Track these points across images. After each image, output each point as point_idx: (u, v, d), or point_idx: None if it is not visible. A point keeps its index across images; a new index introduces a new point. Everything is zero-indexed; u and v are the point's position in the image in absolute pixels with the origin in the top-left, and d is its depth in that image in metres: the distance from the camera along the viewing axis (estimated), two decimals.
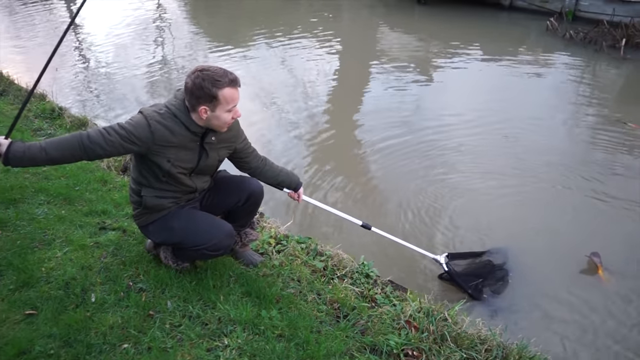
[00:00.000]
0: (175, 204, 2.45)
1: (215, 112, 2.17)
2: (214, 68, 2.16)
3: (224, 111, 2.18)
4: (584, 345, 3.01)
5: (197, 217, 2.49)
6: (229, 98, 2.16)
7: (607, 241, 3.81)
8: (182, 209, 2.48)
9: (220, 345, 2.24)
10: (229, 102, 2.17)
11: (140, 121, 2.17)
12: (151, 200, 2.36)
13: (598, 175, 4.82)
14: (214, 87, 2.11)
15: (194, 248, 2.44)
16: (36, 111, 5.21)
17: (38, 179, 3.65)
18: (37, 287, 2.50)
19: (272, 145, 5.56)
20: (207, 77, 2.11)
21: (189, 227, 2.43)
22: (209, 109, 2.16)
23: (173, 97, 2.28)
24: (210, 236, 2.41)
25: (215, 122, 2.22)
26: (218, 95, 2.13)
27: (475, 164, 5.06)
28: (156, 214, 2.43)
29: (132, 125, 2.16)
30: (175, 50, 9.37)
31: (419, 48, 9.40)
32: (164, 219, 2.44)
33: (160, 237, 2.53)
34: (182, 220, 2.44)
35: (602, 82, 7.70)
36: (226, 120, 2.23)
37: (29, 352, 2.12)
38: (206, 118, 2.20)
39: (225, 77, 2.14)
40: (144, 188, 2.36)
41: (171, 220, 2.43)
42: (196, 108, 2.17)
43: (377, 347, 2.34)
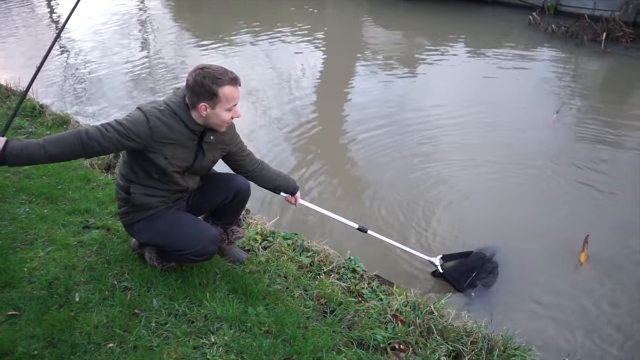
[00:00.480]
0: (163, 204, 2.43)
1: (215, 109, 2.18)
2: (215, 66, 2.17)
3: (223, 109, 2.19)
4: (569, 336, 3.06)
5: (183, 220, 2.46)
6: (229, 96, 2.17)
7: (592, 228, 3.86)
8: (169, 210, 2.46)
9: (206, 343, 2.23)
10: (229, 101, 2.18)
11: (139, 117, 2.15)
12: (140, 198, 2.33)
13: (581, 163, 4.91)
14: (215, 85, 2.12)
15: (178, 252, 2.42)
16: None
17: (19, 178, 3.59)
18: (20, 288, 2.46)
19: (257, 141, 5.54)
20: (208, 74, 2.12)
21: (173, 230, 2.41)
22: (209, 106, 2.17)
23: (172, 95, 2.26)
24: (195, 241, 2.39)
25: (215, 121, 2.22)
26: (218, 92, 2.14)
27: (460, 156, 5.11)
28: (143, 212, 2.40)
29: (131, 122, 2.13)
30: (158, 47, 9.26)
31: (403, 42, 9.43)
32: (150, 219, 2.41)
33: (145, 237, 2.50)
34: (167, 223, 2.41)
35: (583, 75, 7.81)
36: (225, 119, 2.23)
37: (12, 353, 2.08)
38: (206, 116, 2.20)
39: (226, 75, 2.16)
40: (133, 185, 2.32)
41: (157, 221, 2.41)
42: (196, 105, 2.17)
43: (364, 341, 2.35)
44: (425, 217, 4.15)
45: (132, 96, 6.93)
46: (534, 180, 4.69)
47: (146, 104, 2.22)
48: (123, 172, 2.37)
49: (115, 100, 6.75)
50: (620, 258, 3.66)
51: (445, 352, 2.31)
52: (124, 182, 2.37)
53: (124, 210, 2.42)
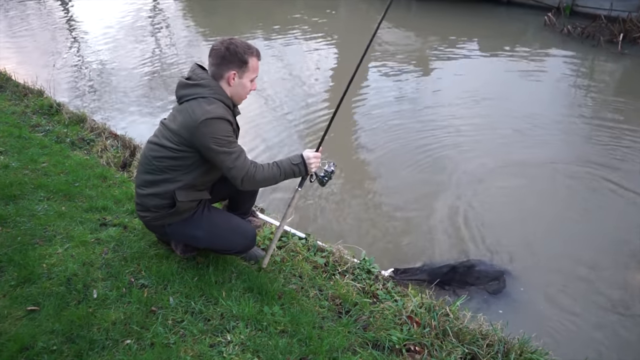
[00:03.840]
0: (198, 203, 2.50)
1: (242, 79, 2.33)
2: (241, 39, 2.33)
3: (248, 80, 2.35)
4: (588, 341, 3.03)
5: (219, 223, 2.54)
6: (255, 67, 2.35)
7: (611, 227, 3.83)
8: (202, 214, 2.50)
9: (223, 341, 2.24)
10: (254, 71, 2.35)
11: (219, 124, 2.23)
12: (185, 205, 2.39)
13: (596, 167, 4.85)
14: (246, 54, 2.29)
15: (220, 252, 2.63)
16: (34, 107, 5.18)
17: (37, 175, 3.64)
18: (39, 284, 2.49)
19: (269, 139, 5.56)
20: (240, 43, 2.30)
21: (213, 235, 2.51)
22: (237, 74, 2.30)
23: (199, 87, 2.28)
24: (236, 244, 2.55)
25: (240, 91, 2.36)
26: (249, 61, 2.30)
27: (475, 159, 5.07)
28: (178, 216, 2.44)
29: (222, 131, 2.24)
30: (171, 46, 9.32)
31: (416, 43, 9.39)
32: (184, 225, 2.47)
33: (181, 240, 2.64)
34: (205, 230, 2.48)
35: (599, 77, 7.71)
36: (248, 90, 2.39)
37: (32, 347, 2.12)
38: (233, 85, 2.32)
39: (253, 47, 2.35)
40: (178, 191, 2.35)
41: (195, 230, 2.48)
42: (225, 74, 2.30)
43: (379, 342, 2.35)
44: (441, 219, 4.13)
45: (146, 95, 6.99)
46: (549, 181, 4.65)
47: (201, 112, 2.21)
48: (167, 177, 2.35)
49: (130, 98, 6.80)
50: None
51: (461, 355, 2.30)
52: (164, 188, 2.36)
53: (158, 216, 2.43)
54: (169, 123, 2.35)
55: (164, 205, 2.40)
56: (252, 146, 5.31)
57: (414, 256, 3.71)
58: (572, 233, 3.96)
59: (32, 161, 3.84)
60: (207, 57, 2.35)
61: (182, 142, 2.27)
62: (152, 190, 2.39)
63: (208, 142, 2.21)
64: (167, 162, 2.33)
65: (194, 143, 2.25)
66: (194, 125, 2.20)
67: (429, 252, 3.76)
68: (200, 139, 2.21)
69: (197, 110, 2.21)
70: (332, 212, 4.18)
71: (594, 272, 3.55)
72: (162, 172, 2.35)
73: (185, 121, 2.24)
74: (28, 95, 5.56)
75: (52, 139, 4.43)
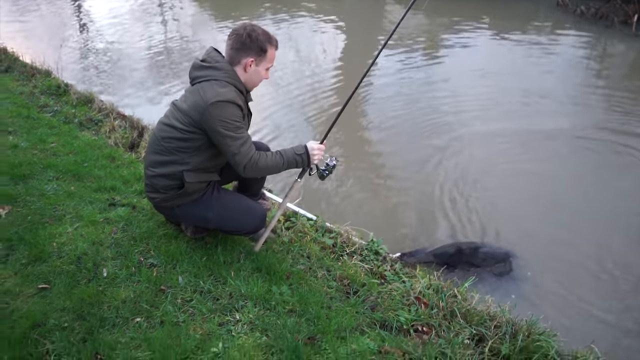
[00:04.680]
0: (207, 184, 2.50)
1: (258, 66, 2.32)
2: (263, 28, 2.32)
3: (264, 68, 2.34)
4: (596, 323, 3.02)
5: (229, 204, 2.53)
6: (273, 57, 2.36)
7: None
8: (211, 195, 2.50)
9: (231, 320, 2.25)
10: (271, 61, 2.36)
11: (229, 108, 2.21)
12: (194, 186, 2.39)
13: (609, 143, 4.81)
14: (266, 42, 2.29)
15: (229, 233, 2.67)
16: (42, 87, 5.19)
17: (46, 155, 3.65)
18: (49, 262, 2.51)
19: (277, 120, 5.54)
20: (261, 32, 2.29)
21: (223, 216, 2.50)
22: (255, 62, 2.29)
23: (213, 70, 2.26)
24: (246, 224, 2.55)
25: (255, 78, 2.35)
26: (268, 50, 2.30)
27: (486, 139, 5.04)
28: (187, 197, 2.44)
29: (234, 115, 2.23)
30: (177, 28, 9.28)
31: (426, 25, 9.26)
32: (194, 206, 2.47)
33: (191, 221, 2.64)
34: (214, 211, 2.48)
35: (612, 58, 7.60)
36: (262, 78, 2.38)
37: (44, 324, 2.14)
38: (249, 72, 2.31)
39: (273, 37, 2.34)
40: (186, 173, 2.34)
41: (204, 211, 2.47)
42: (242, 60, 2.28)
43: (387, 322, 2.35)
44: (450, 202, 4.11)
45: (152, 75, 6.97)
46: (562, 163, 4.61)
47: (213, 93, 2.20)
48: (174, 159, 2.35)
49: (137, 79, 6.79)
50: None
51: (468, 336, 2.30)
52: (172, 169, 2.36)
53: (167, 197, 2.43)
54: (180, 104, 2.34)
55: (173, 187, 2.40)
56: (259, 128, 5.30)
57: (420, 238, 3.71)
58: (583, 208, 3.94)
59: (41, 141, 3.85)
60: (226, 40, 2.32)
61: (192, 123, 2.26)
62: (160, 171, 2.38)
63: (216, 125, 2.20)
64: (176, 144, 2.33)
65: (202, 125, 2.24)
66: (203, 107, 2.19)
67: (434, 234, 3.77)
68: (209, 121, 2.20)
69: (208, 92, 2.20)
70: (338, 195, 4.18)
71: (604, 253, 3.53)
72: (171, 153, 2.35)
73: (195, 102, 2.23)
74: (36, 76, 5.56)
75: (61, 119, 4.44)
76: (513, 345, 2.24)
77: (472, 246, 3.61)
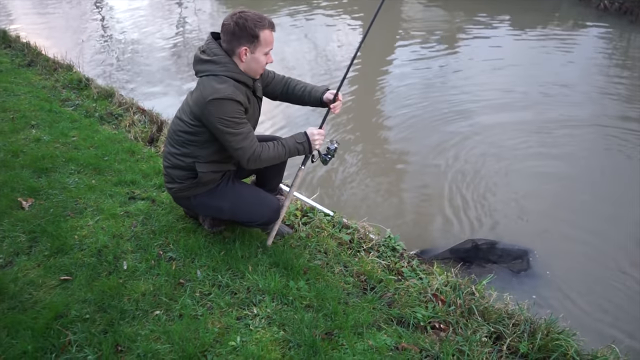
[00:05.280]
0: (222, 175, 2.51)
1: (254, 53, 2.25)
2: (252, 11, 2.23)
3: (262, 53, 2.26)
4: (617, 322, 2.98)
5: (244, 195, 2.54)
6: (268, 40, 2.25)
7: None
8: (227, 186, 2.51)
9: (249, 314, 2.27)
10: (268, 44, 2.26)
11: (227, 104, 2.20)
12: (207, 175, 2.40)
13: (631, 138, 4.73)
14: (256, 27, 2.19)
15: (245, 224, 2.64)
16: (64, 82, 5.26)
17: (68, 148, 3.70)
18: (71, 254, 2.56)
19: (291, 113, 5.55)
20: (249, 17, 2.19)
21: (238, 206, 2.51)
22: (249, 50, 2.23)
23: (212, 63, 2.25)
24: (260, 215, 2.55)
25: (254, 65, 2.28)
26: (260, 35, 2.21)
27: (505, 134, 5.00)
28: (202, 187, 2.46)
29: (230, 111, 2.20)
30: (195, 23, 9.32)
31: (444, 19, 9.18)
32: (210, 196, 2.49)
33: (207, 213, 2.66)
34: (229, 201, 2.50)
35: (636, 54, 7.43)
36: (263, 64, 2.31)
37: (66, 316, 2.18)
38: (245, 61, 2.26)
39: (265, 19, 2.23)
40: (198, 164, 2.37)
41: (219, 200, 2.49)
42: (236, 50, 2.23)
43: (404, 319, 2.35)
44: (466, 200, 4.08)
45: (171, 69, 7.02)
46: (584, 160, 4.56)
47: (210, 90, 2.19)
48: (185, 152, 2.38)
49: (156, 74, 6.85)
50: None
51: (486, 333, 2.28)
52: (185, 161, 2.39)
53: (183, 187, 2.46)
54: (189, 97, 2.37)
55: (188, 177, 2.43)
56: (271, 116, 5.33)
57: (437, 234, 3.70)
58: (603, 203, 3.89)
59: (63, 135, 3.91)
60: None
61: (196, 117, 2.28)
62: (175, 162, 2.43)
63: (214, 122, 2.21)
64: (184, 137, 2.36)
65: (202, 119, 2.26)
66: (203, 103, 2.20)
67: (451, 230, 3.74)
68: (208, 117, 2.22)
69: (207, 88, 2.21)
70: (352, 191, 4.17)
71: (623, 252, 3.48)
72: (182, 146, 2.38)
73: (197, 97, 2.25)
74: (58, 70, 5.63)
75: (82, 113, 4.50)
76: (531, 344, 2.23)
77: (489, 242, 3.58)
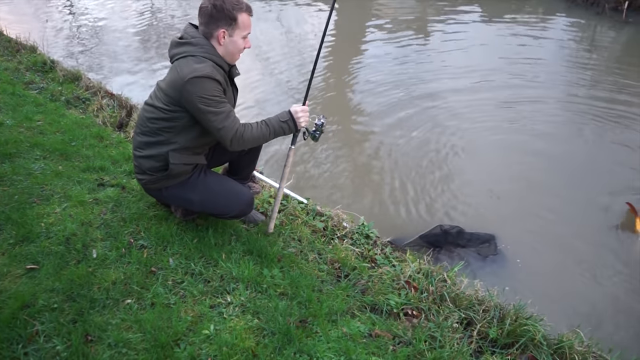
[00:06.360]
0: (194, 167, 2.45)
1: (233, 37, 2.24)
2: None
3: (240, 37, 2.25)
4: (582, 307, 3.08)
5: (216, 187, 2.49)
6: (246, 23, 2.24)
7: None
8: (198, 178, 2.47)
9: (223, 302, 2.25)
10: (246, 28, 2.25)
11: (207, 83, 2.16)
12: (178, 167, 2.35)
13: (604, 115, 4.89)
14: (234, 10, 2.19)
15: (216, 216, 2.60)
16: (27, 64, 5.07)
17: (33, 133, 3.58)
18: (38, 242, 2.48)
19: (266, 104, 5.51)
20: (227, 0, 2.17)
21: (209, 199, 2.46)
22: (227, 32, 2.21)
23: (190, 45, 2.21)
24: (232, 207, 2.49)
25: (232, 49, 2.26)
26: (238, 18, 2.20)
27: (474, 121, 5.07)
28: (173, 179, 2.41)
29: (210, 90, 2.17)
30: (164, 5, 9.09)
31: (415, 7, 9.20)
32: (181, 188, 2.44)
33: (177, 203, 2.61)
34: (201, 194, 2.45)
35: (602, 44, 7.62)
36: (241, 48, 2.29)
37: (33, 305, 2.12)
38: (224, 44, 2.23)
39: (242, 2, 2.22)
40: (172, 153, 2.31)
41: (189, 193, 2.45)
42: (214, 33, 2.21)
43: (377, 306, 2.37)
44: (436, 186, 4.14)
45: (140, 53, 6.86)
46: (554, 146, 4.67)
47: (189, 70, 2.15)
48: (160, 139, 2.32)
49: (124, 56, 6.68)
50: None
51: (457, 319, 2.33)
52: (159, 150, 2.33)
53: (153, 179, 2.41)
54: (161, 83, 2.31)
55: (159, 168, 2.37)
56: (246, 105, 5.27)
57: (407, 221, 3.74)
58: (569, 186, 4.02)
59: (27, 119, 3.78)
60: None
61: (172, 101, 2.23)
62: (147, 152, 2.37)
63: (195, 102, 2.16)
64: (160, 124, 2.30)
65: (182, 102, 2.21)
66: (180, 84, 2.15)
67: (421, 217, 3.80)
68: (188, 98, 2.17)
69: (184, 69, 2.16)
70: (326, 179, 4.18)
71: (588, 233, 3.59)
72: (156, 134, 2.32)
73: (172, 79, 2.21)
74: (21, 51, 5.44)
75: (47, 96, 4.36)
76: (501, 329, 2.28)
77: (456, 228, 3.65)
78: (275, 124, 2.40)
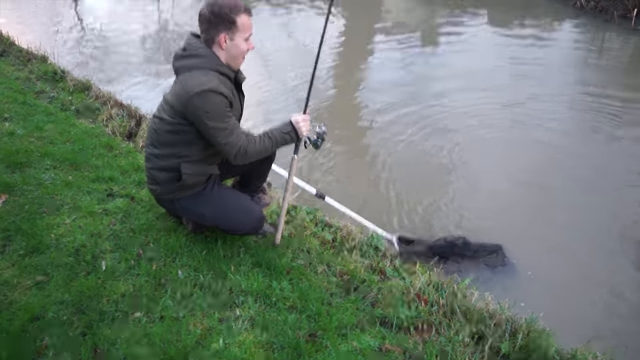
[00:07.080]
0: (207, 178, 2.45)
1: (234, 40, 2.21)
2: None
3: (242, 39, 2.23)
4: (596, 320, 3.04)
5: (227, 203, 2.49)
6: (246, 25, 2.21)
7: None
8: (212, 191, 2.46)
9: (232, 316, 2.24)
10: (247, 29, 2.22)
11: (213, 98, 2.15)
12: (191, 178, 2.34)
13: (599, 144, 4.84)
14: (232, 13, 2.16)
15: (227, 232, 2.60)
16: (38, 73, 5.10)
17: (43, 143, 3.60)
18: (47, 254, 2.49)
19: (272, 110, 5.52)
20: (223, 4, 2.15)
21: (221, 215, 2.46)
22: (228, 36, 2.19)
23: (195, 57, 2.21)
24: (243, 224, 2.49)
25: (234, 52, 2.24)
26: (236, 20, 2.17)
27: (479, 131, 5.05)
28: (187, 190, 2.41)
29: (218, 105, 2.17)
30: (173, 15, 9.16)
31: (424, 13, 9.21)
32: (194, 200, 2.43)
33: (189, 217, 2.61)
34: (212, 209, 2.44)
35: (610, 52, 7.58)
36: (244, 50, 2.26)
37: (42, 317, 2.12)
38: (226, 48, 2.22)
39: (240, 4, 2.20)
40: (184, 164, 2.31)
41: (202, 207, 2.44)
42: (216, 38, 2.19)
43: (387, 319, 2.35)
44: (436, 197, 4.11)
45: (149, 63, 6.90)
46: (560, 160, 4.62)
47: (194, 83, 2.15)
48: (172, 152, 2.32)
49: (133, 66, 6.72)
50: None
51: (468, 334, 2.30)
52: (170, 162, 2.33)
53: (167, 190, 2.41)
54: (167, 96, 2.31)
55: (171, 179, 2.37)
56: (252, 112, 5.29)
57: (410, 229, 3.71)
58: (576, 193, 3.98)
59: (38, 129, 3.80)
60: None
61: (178, 114, 2.23)
62: (159, 164, 2.37)
63: (200, 116, 2.16)
64: (168, 137, 2.30)
65: (187, 116, 2.20)
66: (186, 98, 2.15)
67: (430, 222, 3.77)
68: (193, 112, 2.16)
69: (190, 82, 2.16)
70: (335, 180, 4.18)
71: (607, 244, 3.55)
72: (166, 146, 2.33)
73: (178, 93, 2.20)
74: (32, 61, 5.47)
75: (57, 106, 4.38)
76: (513, 344, 2.26)
77: (463, 238, 3.61)
78: (277, 136, 2.40)
